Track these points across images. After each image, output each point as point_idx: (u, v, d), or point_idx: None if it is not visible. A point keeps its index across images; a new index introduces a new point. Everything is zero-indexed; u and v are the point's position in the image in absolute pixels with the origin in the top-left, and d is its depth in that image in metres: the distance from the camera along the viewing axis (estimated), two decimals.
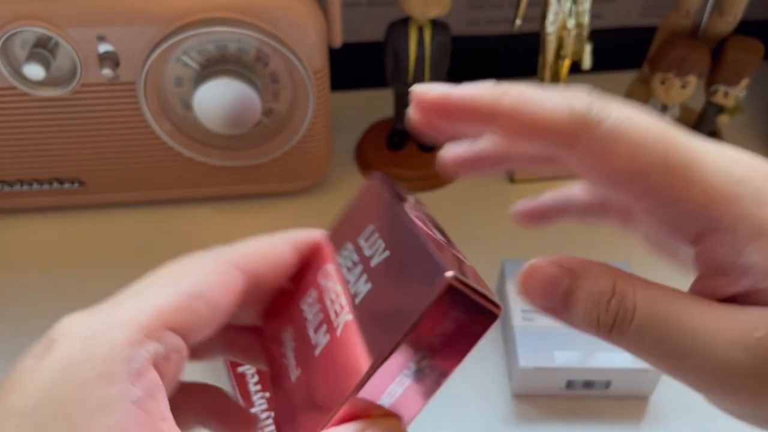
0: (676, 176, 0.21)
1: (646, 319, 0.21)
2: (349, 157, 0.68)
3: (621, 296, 0.21)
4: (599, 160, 0.22)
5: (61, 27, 0.50)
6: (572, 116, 0.22)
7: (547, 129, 0.22)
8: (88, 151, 0.57)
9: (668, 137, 0.22)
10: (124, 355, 0.20)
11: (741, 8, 0.61)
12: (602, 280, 0.22)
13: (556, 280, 0.22)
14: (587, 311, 0.22)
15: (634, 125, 0.22)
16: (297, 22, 0.52)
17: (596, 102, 0.22)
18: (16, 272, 0.57)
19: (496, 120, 0.22)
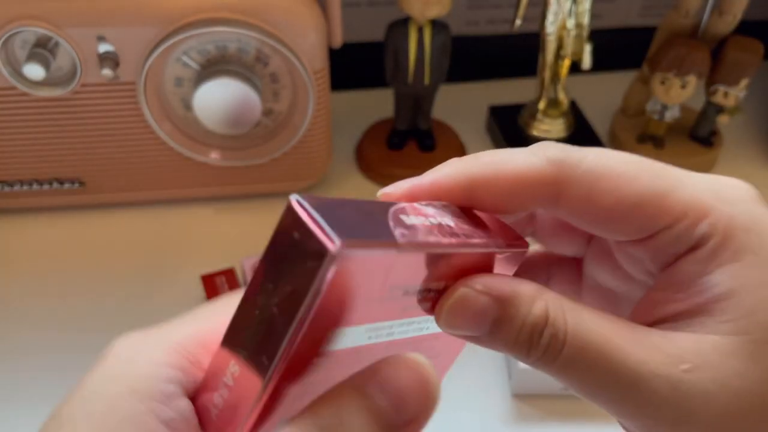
0: (668, 199, 0.21)
1: (576, 351, 0.20)
2: (349, 157, 0.68)
3: (553, 325, 0.20)
4: (587, 201, 0.21)
5: (61, 27, 0.50)
6: (550, 163, 0.21)
7: (528, 183, 0.21)
8: (88, 151, 0.57)
9: (649, 166, 0.21)
10: (160, 376, 0.19)
11: (741, 8, 0.61)
12: (535, 308, 0.20)
13: (484, 311, 0.20)
14: (520, 342, 0.20)
15: (614, 159, 0.21)
16: (297, 22, 0.52)
17: (568, 147, 0.22)
18: (16, 272, 0.57)
19: (474, 191, 0.22)
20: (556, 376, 0.21)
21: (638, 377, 0.20)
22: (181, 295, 0.55)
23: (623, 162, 0.21)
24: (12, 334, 0.53)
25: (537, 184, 0.21)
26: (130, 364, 0.20)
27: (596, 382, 0.20)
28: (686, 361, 0.20)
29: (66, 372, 0.50)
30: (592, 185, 0.21)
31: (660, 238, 0.21)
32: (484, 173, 0.22)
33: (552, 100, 0.66)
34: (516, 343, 0.20)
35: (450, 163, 0.23)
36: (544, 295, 0.21)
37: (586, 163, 0.21)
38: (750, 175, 0.69)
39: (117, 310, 0.54)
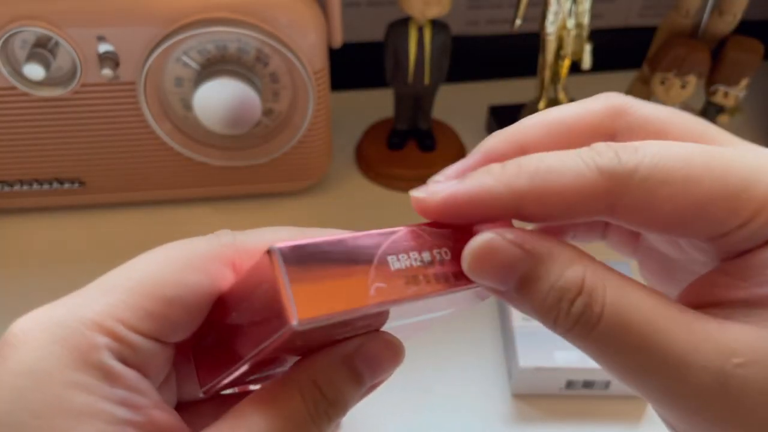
0: (740, 200, 0.19)
1: (614, 327, 0.18)
2: (349, 157, 0.68)
3: (589, 295, 0.19)
4: (646, 211, 0.19)
5: (61, 27, 0.50)
6: (603, 176, 0.19)
7: (580, 198, 0.19)
8: (88, 151, 0.57)
9: (716, 161, 0.19)
10: (92, 361, 0.19)
11: (741, 8, 0.61)
12: (569, 272, 0.19)
13: (513, 263, 0.19)
14: (546, 307, 0.19)
15: (673, 159, 0.19)
16: (297, 22, 0.52)
17: (620, 148, 0.19)
18: (17, 272, 0.57)
19: (520, 209, 0.20)
20: (589, 353, 0.20)
21: (685, 366, 0.18)
22: None
23: (684, 162, 0.19)
24: None
25: (589, 198, 0.19)
26: (56, 352, 0.19)
27: (636, 365, 0.19)
28: (739, 355, 0.18)
29: None
30: (651, 195, 0.19)
31: (731, 236, 0.19)
32: (532, 188, 0.20)
33: (552, 100, 0.66)
34: (542, 307, 0.19)
35: (490, 171, 0.20)
36: (585, 261, 0.19)
37: (641, 172, 0.19)
38: None
39: None
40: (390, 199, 0.64)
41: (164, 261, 0.21)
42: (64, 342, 0.19)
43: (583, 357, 0.48)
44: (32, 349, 0.19)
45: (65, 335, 0.19)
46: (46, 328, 0.19)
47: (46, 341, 0.19)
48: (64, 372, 0.19)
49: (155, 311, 0.20)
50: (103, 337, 0.19)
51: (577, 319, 0.19)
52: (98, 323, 0.20)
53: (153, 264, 0.21)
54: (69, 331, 0.19)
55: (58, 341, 0.19)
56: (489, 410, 0.49)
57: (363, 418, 0.48)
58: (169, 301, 0.21)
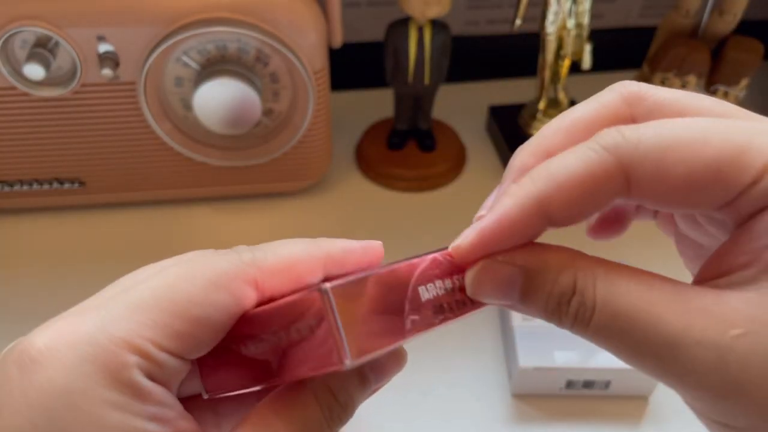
0: (746, 155, 0.19)
1: (606, 319, 0.19)
2: (349, 157, 0.68)
3: (581, 294, 0.20)
4: (658, 181, 0.19)
5: (61, 27, 0.50)
6: (610, 154, 0.19)
7: (597, 186, 0.20)
8: (88, 151, 0.57)
9: (715, 124, 0.19)
10: (124, 379, 0.19)
11: (741, 8, 0.61)
12: (562, 278, 0.20)
13: (510, 280, 0.21)
14: (549, 311, 0.20)
15: (675, 128, 0.19)
16: (297, 22, 0.52)
17: (623, 127, 0.20)
18: (16, 272, 0.57)
19: (550, 218, 0.20)
20: (593, 342, 0.20)
21: (677, 344, 0.18)
22: None
23: (686, 128, 0.19)
24: (12, 334, 0.53)
25: (604, 180, 0.20)
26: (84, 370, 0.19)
27: (631, 348, 0.19)
28: (738, 326, 0.18)
29: None
30: (659, 162, 0.19)
31: (744, 197, 0.19)
32: (551, 191, 0.20)
33: (552, 100, 0.66)
34: (545, 311, 0.21)
35: (510, 193, 0.21)
36: (576, 262, 0.20)
37: (645, 142, 0.19)
38: None
39: None
40: (390, 199, 0.64)
41: (190, 278, 0.21)
42: (95, 360, 0.19)
43: (583, 357, 0.48)
44: (63, 368, 0.19)
45: (96, 353, 0.19)
46: (73, 345, 0.19)
47: (77, 359, 0.19)
48: (97, 391, 0.19)
49: (182, 330, 0.21)
50: (132, 356, 0.20)
51: (575, 316, 0.20)
52: (128, 341, 0.20)
53: (179, 281, 0.21)
54: (99, 350, 0.19)
55: (89, 360, 0.19)
56: (489, 410, 0.49)
57: (364, 418, 0.48)
58: (196, 320, 0.21)
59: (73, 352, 0.19)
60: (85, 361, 0.19)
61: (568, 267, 0.20)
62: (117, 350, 0.19)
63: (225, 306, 0.21)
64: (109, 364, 0.19)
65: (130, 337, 0.20)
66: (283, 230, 0.61)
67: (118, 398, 0.19)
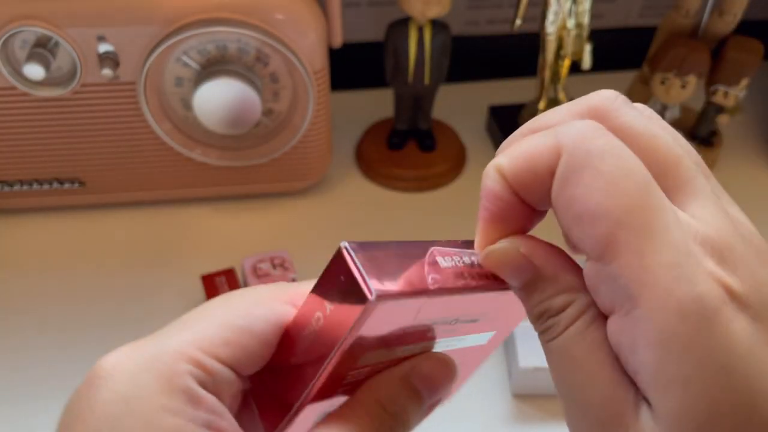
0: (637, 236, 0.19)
1: (557, 355, 0.21)
2: (349, 157, 0.68)
3: (558, 321, 0.21)
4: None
5: (61, 27, 0.50)
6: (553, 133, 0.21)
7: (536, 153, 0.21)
8: (88, 151, 0.57)
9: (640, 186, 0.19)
10: (178, 387, 0.21)
11: (741, 8, 0.61)
12: (558, 299, 0.21)
13: (520, 270, 0.22)
14: (533, 314, 0.22)
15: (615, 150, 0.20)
16: (297, 22, 0.52)
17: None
18: (16, 272, 0.57)
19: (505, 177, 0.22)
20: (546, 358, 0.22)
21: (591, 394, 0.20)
22: (181, 295, 0.55)
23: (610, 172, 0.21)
24: (12, 333, 0.53)
25: (541, 151, 0.21)
26: (143, 381, 0.20)
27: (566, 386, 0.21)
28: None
29: (65, 371, 0.50)
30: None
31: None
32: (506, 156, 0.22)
33: (552, 100, 0.66)
34: (530, 311, 0.22)
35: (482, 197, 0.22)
36: (577, 294, 0.21)
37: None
38: (750, 175, 0.69)
39: (117, 310, 0.54)
40: (390, 199, 0.64)
41: (233, 301, 0.24)
42: (152, 369, 0.21)
43: None
44: (123, 379, 0.21)
45: (153, 364, 0.21)
46: (133, 359, 0.21)
47: (136, 370, 0.21)
48: (153, 397, 0.20)
49: (230, 339, 0.22)
50: (186, 365, 0.21)
51: (542, 331, 0.21)
52: (181, 352, 0.21)
53: (224, 303, 0.24)
54: (156, 361, 0.21)
55: (147, 369, 0.21)
56: (489, 410, 0.49)
57: None
58: (241, 329, 0.22)
59: (134, 365, 0.21)
60: (144, 371, 0.21)
61: (568, 294, 0.21)
62: (172, 360, 0.21)
63: (266, 317, 0.23)
64: (165, 372, 0.21)
65: (183, 348, 0.21)
66: (283, 230, 0.61)
67: (173, 404, 0.20)
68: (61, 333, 0.52)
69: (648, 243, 0.18)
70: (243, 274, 0.52)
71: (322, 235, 0.60)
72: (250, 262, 0.53)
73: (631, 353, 0.19)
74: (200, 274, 0.53)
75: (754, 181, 0.68)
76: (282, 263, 0.53)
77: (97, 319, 0.53)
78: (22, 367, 0.50)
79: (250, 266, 0.52)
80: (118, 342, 0.23)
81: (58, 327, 0.53)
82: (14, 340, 0.52)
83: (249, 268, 0.52)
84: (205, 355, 0.21)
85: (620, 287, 0.19)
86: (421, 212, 0.63)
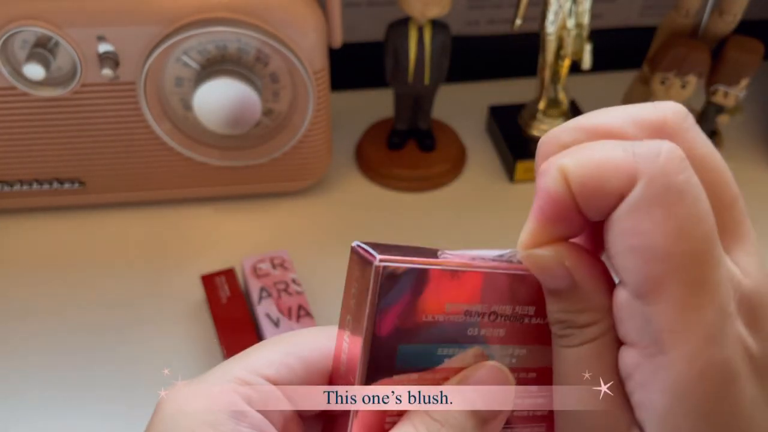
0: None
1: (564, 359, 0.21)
2: (349, 157, 0.68)
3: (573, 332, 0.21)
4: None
5: (61, 27, 0.50)
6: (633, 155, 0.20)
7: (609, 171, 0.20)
8: (88, 151, 0.57)
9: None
10: (222, 403, 0.22)
11: (741, 8, 0.61)
12: (582, 316, 0.21)
13: (555, 277, 0.21)
14: (551, 315, 0.22)
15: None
16: (297, 22, 0.52)
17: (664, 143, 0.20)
18: (16, 272, 0.57)
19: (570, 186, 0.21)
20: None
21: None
22: (181, 295, 0.55)
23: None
24: (12, 333, 0.53)
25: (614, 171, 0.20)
26: (192, 401, 0.22)
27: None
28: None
29: (65, 371, 0.50)
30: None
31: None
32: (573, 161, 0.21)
33: (552, 100, 0.66)
34: (551, 313, 0.22)
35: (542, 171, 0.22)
36: (605, 318, 0.21)
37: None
38: (750, 175, 0.69)
39: (117, 310, 0.54)
40: (390, 199, 0.64)
41: (283, 335, 0.25)
42: (201, 390, 0.22)
43: None
44: (174, 403, 0.22)
45: (202, 386, 0.23)
46: (185, 388, 0.23)
47: (190, 395, 0.22)
48: (198, 413, 0.21)
49: (275, 359, 0.23)
50: (231, 383, 0.22)
51: (559, 335, 0.22)
52: (228, 372, 0.23)
53: (274, 338, 0.25)
54: (204, 383, 0.23)
55: (197, 391, 0.22)
56: None
57: None
58: (287, 351, 0.24)
59: (188, 389, 0.22)
60: (194, 392, 0.22)
61: (597, 313, 0.21)
62: (219, 381, 0.22)
63: (310, 343, 0.24)
64: (212, 391, 0.22)
65: (231, 369, 0.23)
66: (283, 230, 0.61)
67: (215, 417, 0.21)
68: (60, 333, 0.52)
69: (695, 299, 0.18)
70: (243, 274, 0.52)
71: (322, 235, 0.60)
72: (249, 262, 0.53)
73: (641, 389, 0.19)
74: (200, 274, 0.53)
75: (754, 181, 0.68)
76: (282, 263, 0.53)
77: (97, 319, 0.53)
78: (22, 368, 0.50)
79: (250, 266, 0.52)
80: (117, 342, 0.23)
81: (57, 327, 0.53)
82: (14, 340, 0.52)
83: (249, 268, 0.52)
84: (251, 374, 0.22)
85: (651, 330, 0.19)
86: (421, 212, 0.63)
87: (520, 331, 0.24)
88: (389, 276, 0.21)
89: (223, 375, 0.23)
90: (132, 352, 0.51)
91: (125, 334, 0.52)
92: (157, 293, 0.55)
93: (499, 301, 0.23)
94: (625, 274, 0.19)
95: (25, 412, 0.48)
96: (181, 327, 0.53)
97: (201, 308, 0.54)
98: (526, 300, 0.23)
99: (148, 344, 0.52)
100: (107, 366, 0.50)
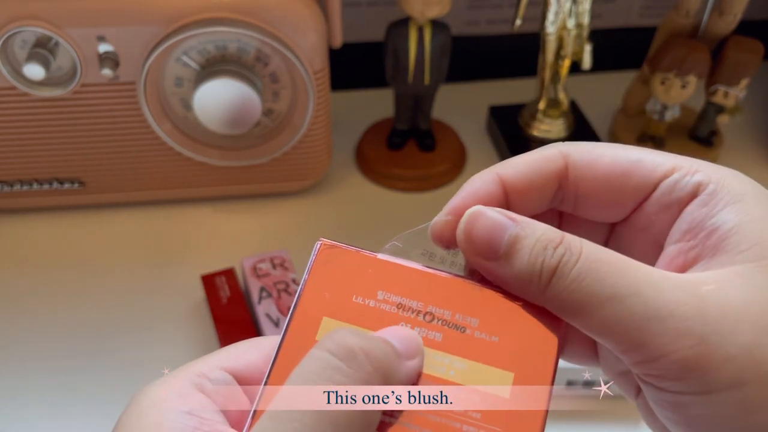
0: (658, 157, 0.24)
1: (591, 262, 0.21)
2: (349, 157, 0.68)
3: (568, 244, 0.21)
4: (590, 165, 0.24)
5: (61, 27, 0.50)
6: (552, 147, 0.25)
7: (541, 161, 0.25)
8: (88, 151, 0.57)
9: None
10: (176, 389, 0.23)
11: (741, 8, 0.61)
12: (552, 231, 0.22)
13: (502, 225, 0.22)
14: (532, 256, 0.21)
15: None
16: (297, 22, 0.52)
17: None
18: (16, 272, 0.57)
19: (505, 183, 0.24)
20: (565, 298, 0.21)
21: (658, 286, 0.20)
22: (181, 295, 0.55)
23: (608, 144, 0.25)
24: (12, 333, 0.53)
25: (546, 160, 0.24)
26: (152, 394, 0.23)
27: (609, 294, 0.20)
28: (708, 283, 0.20)
29: (65, 371, 0.50)
30: (590, 152, 0.24)
31: (661, 188, 0.23)
32: (505, 164, 0.24)
33: (552, 100, 0.66)
34: (528, 259, 0.21)
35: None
36: (565, 234, 0.22)
37: (580, 144, 0.24)
38: (750, 175, 0.69)
39: (117, 310, 0.54)
40: (390, 199, 0.64)
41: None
42: (166, 382, 0.23)
43: None
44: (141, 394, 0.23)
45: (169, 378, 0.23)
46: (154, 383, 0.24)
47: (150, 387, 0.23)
48: (152, 400, 0.23)
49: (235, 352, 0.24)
50: (191, 374, 0.23)
51: (559, 260, 0.21)
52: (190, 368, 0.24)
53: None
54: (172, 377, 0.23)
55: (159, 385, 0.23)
56: None
57: None
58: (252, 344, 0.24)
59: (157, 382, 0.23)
60: (160, 384, 0.23)
61: (554, 228, 0.22)
62: (182, 373, 0.23)
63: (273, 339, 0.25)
64: (174, 382, 0.23)
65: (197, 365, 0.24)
66: (283, 230, 0.61)
67: (163, 398, 0.22)
68: (61, 333, 0.52)
69: None
70: (243, 274, 0.52)
71: (321, 235, 0.60)
72: (249, 262, 0.53)
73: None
74: (200, 274, 0.53)
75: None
76: (282, 263, 0.53)
77: (97, 319, 0.53)
78: (22, 368, 0.50)
79: (250, 266, 0.52)
80: (117, 342, 0.23)
81: (58, 327, 0.53)
82: (14, 340, 0.52)
83: (249, 268, 0.52)
84: (209, 367, 0.23)
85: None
86: (421, 212, 0.63)
87: (461, 341, 0.23)
88: (327, 252, 0.24)
89: (182, 368, 0.23)
90: (132, 352, 0.51)
91: (125, 334, 0.52)
92: (157, 293, 0.55)
93: (436, 302, 0.23)
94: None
95: (24, 411, 0.48)
96: (181, 327, 0.53)
97: (201, 308, 0.54)
98: (469, 310, 0.23)
99: (148, 344, 0.52)
100: (107, 366, 0.50)
